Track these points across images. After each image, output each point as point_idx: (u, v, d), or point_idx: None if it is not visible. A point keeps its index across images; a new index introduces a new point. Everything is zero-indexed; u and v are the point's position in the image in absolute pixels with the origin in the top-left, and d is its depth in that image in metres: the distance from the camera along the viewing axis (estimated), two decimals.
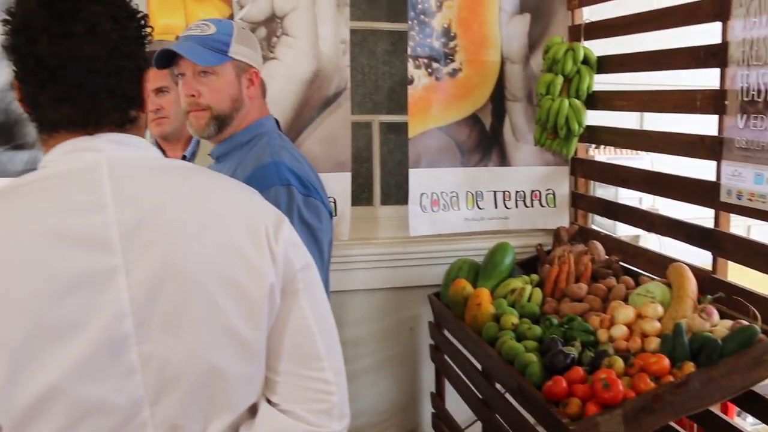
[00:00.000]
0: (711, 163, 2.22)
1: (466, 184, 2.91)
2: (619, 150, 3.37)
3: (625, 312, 2.10)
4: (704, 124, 2.31)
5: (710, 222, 2.25)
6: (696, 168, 2.34)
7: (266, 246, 1.02)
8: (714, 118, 2.21)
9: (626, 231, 3.01)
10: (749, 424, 2.61)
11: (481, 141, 2.92)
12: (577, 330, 2.12)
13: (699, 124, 2.34)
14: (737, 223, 2.34)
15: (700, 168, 2.30)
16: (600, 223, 3.10)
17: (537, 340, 2.16)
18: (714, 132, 2.21)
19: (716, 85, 2.19)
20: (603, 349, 1.98)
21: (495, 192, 2.96)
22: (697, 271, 2.21)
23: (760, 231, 2.69)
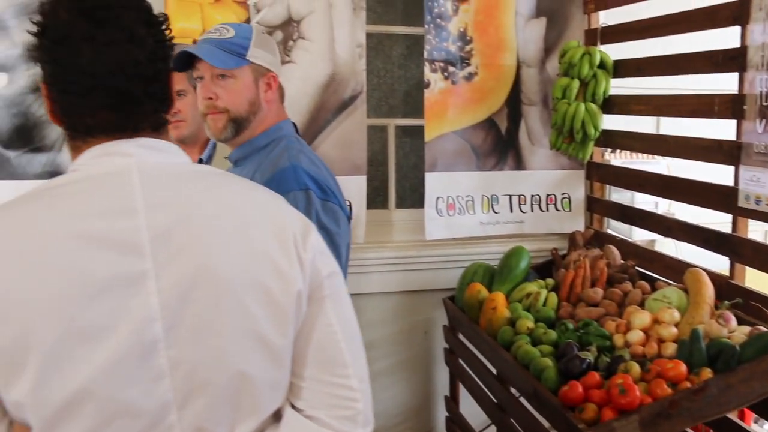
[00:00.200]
0: (728, 168, 2.21)
1: (482, 188, 2.91)
2: (635, 154, 3.36)
3: (642, 317, 2.09)
4: (721, 129, 2.30)
5: (727, 227, 2.23)
6: (712, 172, 2.33)
7: (294, 253, 1.03)
8: (731, 123, 2.20)
9: (642, 235, 3.00)
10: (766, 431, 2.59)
11: (497, 145, 2.92)
12: (593, 335, 2.11)
13: (715, 129, 2.33)
14: (755, 228, 2.32)
15: (717, 172, 2.29)
16: (615, 228, 3.09)
17: (552, 345, 2.15)
18: (732, 137, 2.20)
19: (734, 90, 2.17)
20: (619, 354, 1.97)
21: (510, 196, 2.95)
22: (715, 277, 2.20)
23: None
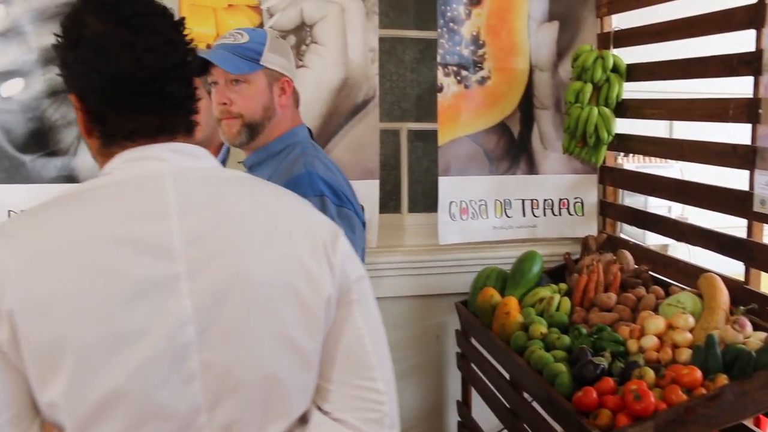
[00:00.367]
0: (741, 172, 2.20)
1: (495, 193, 2.91)
2: (648, 158, 3.34)
3: (656, 322, 2.08)
4: (734, 133, 2.28)
5: (742, 231, 2.22)
6: (725, 177, 2.31)
7: (324, 258, 1.04)
8: (745, 127, 2.19)
9: (655, 240, 2.98)
10: None
11: (510, 149, 2.91)
12: (607, 340, 2.10)
13: (729, 133, 2.32)
14: None
15: (730, 177, 2.28)
16: (629, 232, 3.07)
17: (566, 350, 2.14)
18: (746, 141, 2.18)
19: (749, 94, 2.16)
20: (633, 360, 1.96)
21: (523, 200, 2.95)
22: (729, 282, 2.18)
23: None
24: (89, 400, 0.90)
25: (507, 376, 2.38)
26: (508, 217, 2.93)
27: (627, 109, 2.82)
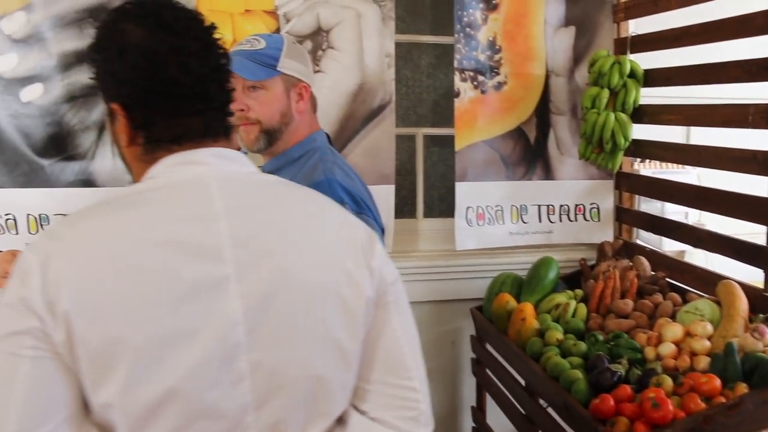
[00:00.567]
0: (761, 179, 2.17)
1: (511, 198, 2.90)
2: (665, 164, 3.33)
3: (673, 330, 2.06)
4: (754, 139, 2.27)
5: (761, 238, 2.20)
6: (743, 183, 2.30)
7: (363, 261, 1.07)
8: (765, 133, 2.17)
9: (671, 246, 2.96)
10: None
11: (526, 154, 2.91)
12: (624, 347, 2.09)
13: (747, 138, 2.30)
14: None
15: (748, 183, 2.26)
16: (645, 238, 3.06)
17: (582, 357, 2.13)
18: (766, 147, 2.17)
19: None
20: (651, 368, 1.95)
21: (539, 206, 2.94)
22: (748, 289, 2.16)
23: None
24: (143, 400, 0.92)
25: (522, 383, 2.37)
26: (524, 223, 2.93)
27: (644, 115, 2.80)
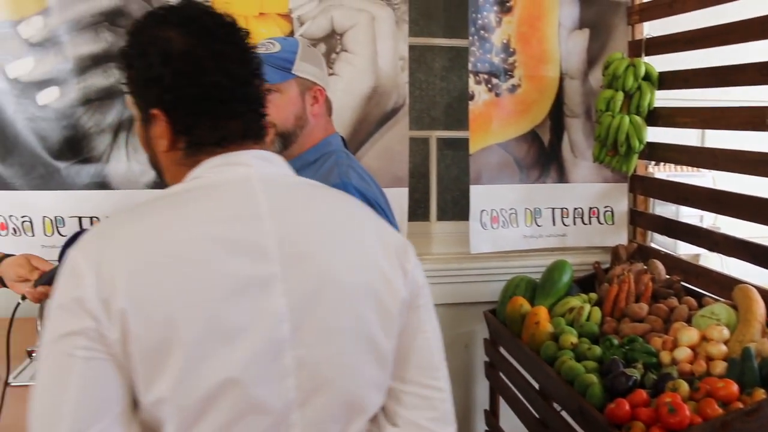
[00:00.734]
0: None
1: (525, 201, 2.89)
2: (679, 167, 3.30)
3: (689, 334, 2.05)
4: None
5: None
6: (760, 186, 2.28)
7: (398, 263, 1.10)
8: None
9: (686, 250, 2.94)
10: None
11: (540, 157, 2.90)
12: (639, 351, 2.07)
13: (763, 141, 2.28)
14: None
15: (765, 186, 2.24)
16: (660, 242, 3.04)
17: (597, 361, 2.12)
18: None
19: None
20: (667, 372, 1.93)
21: (553, 209, 2.93)
22: (765, 293, 2.14)
23: None
24: (195, 395, 0.93)
25: (536, 386, 2.36)
26: (538, 226, 2.92)
27: (659, 118, 2.79)
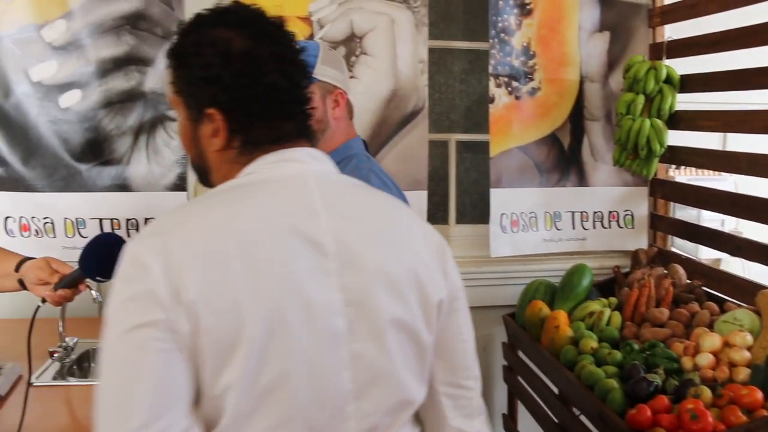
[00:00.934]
0: None
1: (545, 205, 2.88)
2: (700, 170, 3.28)
3: (712, 340, 2.03)
4: None
5: None
6: None
7: (440, 264, 1.12)
8: None
9: (706, 254, 2.92)
10: None
11: (560, 161, 2.89)
12: (660, 357, 2.06)
13: None
14: None
15: None
16: (680, 246, 3.01)
17: (617, 366, 2.10)
18: None
19: None
20: (689, 378, 1.92)
21: (573, 213, 2.92)
22: None
23: None
24: (257, 388, 0.94)
25: (555, 391, 2.35)
26: (558, 230, 2.91)
27: (680, 121, 2.77)
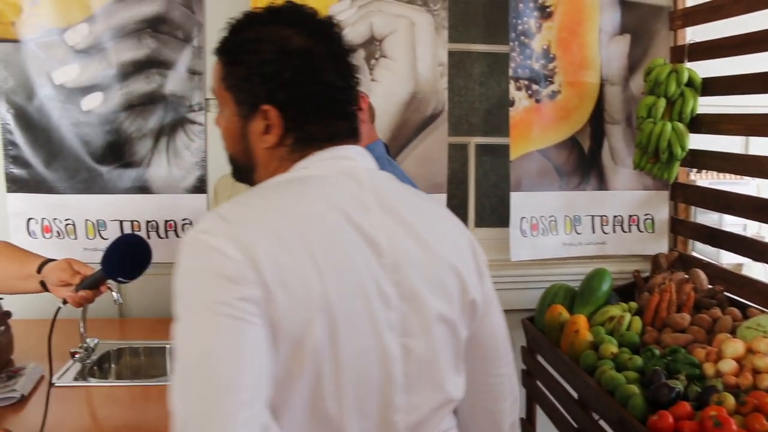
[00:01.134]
0: None
1: (564, 208, 2.87)
2: (722, 174, 3.25)
3: (734, 346, 2.00)
4: None
5: None
6: None
7: (476, 263, 1.17)
8: None
9: (728, 259, 2.89)
10: None
11: (580, 164, 2.87)
12: (681, 362, 2.03)
13: None
14: None
15: None
16: (701, 251, 2.99)
17: (638, 371, 2.09)
18: None
19: None
20: (711, 384, 1.90)
21: (593, 216, 2.90)
22: None
23: None
24: (319, 375, 0.96)
25: (574, 395, 2.33)
26: (578, 234, 2.89)
27: (702, 125, 2.75)
